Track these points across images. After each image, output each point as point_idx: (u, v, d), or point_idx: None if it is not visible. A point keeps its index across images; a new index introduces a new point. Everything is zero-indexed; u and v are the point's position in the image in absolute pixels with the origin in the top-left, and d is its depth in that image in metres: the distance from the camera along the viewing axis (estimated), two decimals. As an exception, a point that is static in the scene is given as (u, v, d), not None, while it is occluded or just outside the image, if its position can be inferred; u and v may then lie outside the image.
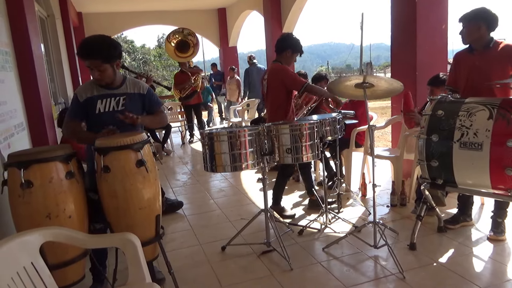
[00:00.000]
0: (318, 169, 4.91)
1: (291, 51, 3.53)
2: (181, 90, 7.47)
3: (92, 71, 2.38)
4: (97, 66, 2.35)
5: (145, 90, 2.59)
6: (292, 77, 3.52)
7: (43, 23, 6.00)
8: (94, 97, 2.42)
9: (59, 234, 1.79)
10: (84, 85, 2.54)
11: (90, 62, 2.34)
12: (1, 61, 3.02)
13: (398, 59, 4.50)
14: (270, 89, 3.65)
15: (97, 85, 2.45)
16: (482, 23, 2.80)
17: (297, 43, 3.54)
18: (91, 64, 2.35)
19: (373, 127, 2.84)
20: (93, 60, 2.34)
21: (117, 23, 10.82)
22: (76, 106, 2.45)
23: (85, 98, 2.42)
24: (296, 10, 7.68)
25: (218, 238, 3.29)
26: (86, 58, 2.35)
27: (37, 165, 2.00)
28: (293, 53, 3.54)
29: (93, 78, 2.42)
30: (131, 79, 2.62)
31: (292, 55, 3.55)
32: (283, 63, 3.56)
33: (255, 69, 8.80)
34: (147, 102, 2.60)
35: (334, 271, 2.68)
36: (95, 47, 2.33)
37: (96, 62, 2.34)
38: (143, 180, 2.18)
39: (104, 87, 2.45)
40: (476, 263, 2.68)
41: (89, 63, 2.35)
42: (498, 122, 2.38)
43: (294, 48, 3.53)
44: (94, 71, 2.37)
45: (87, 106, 2.42)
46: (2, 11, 3.26)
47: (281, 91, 3.54)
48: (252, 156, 2.73)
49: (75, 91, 2.49)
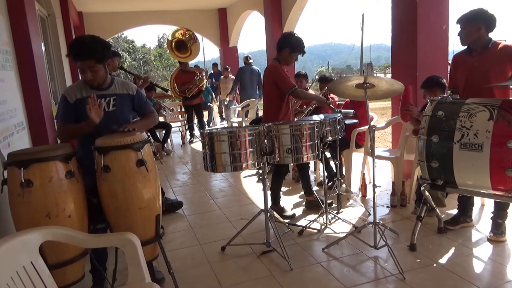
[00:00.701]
0: (318, 170, 4.91)
1: (289, 50, 3.49)
2: (185, 90, 7.42)
3: (84, 72, 2.32)
4: (90, 66, 2.30)
5: (134, 90, 2.57)
6: (282, 77, 3.48)
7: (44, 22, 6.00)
8: (83, 98, 2.36)
9: (59, 234, 1.79)
10: (72, 86, 2.48)
11: (83, 63, 2.29)
12: (2, 60, 3.02)
13: (399, 60, 4.50)
14: (264, 87, 3.65)
15: (86, 86, 2.40)
16: (481, 24, 2.80)
17: (297, 42, 3.50)
18: (83, 65, 2.29)
19: (374, 127, 2.83)
20: (87, 61, 2.28)
21: (118, 23, 10.82)
22: (66, 108, 2.37)
23: (75, 99, 2.36)
24: (296, 10, 7.67)
25: (218, 238, 3.29)
26: (79, 59, 2.28)
27: (37, 164, 2.00)
28: (291, 52, 3.50)
29: (86, 79, 2.35)
30: (119, 80, 2.59)
31: (290, 54, 3.51)
32: (281, 61, 3.54)
33: (249, 69, 8.62)
34: (136, 103, 2.59)
35: (334, 272, 2.67)
36: (89, 48, 2.27)
37: (90, 63, 2.29)
38: (143, 180, 2.17)
39: (93, 88, 2.40)
40: (476, 264, 2.68)
41: (81, 64, 2.29)
42: (499, 123, 2.38)
43: (292, 47, 3.48)
44: (86, 72, 2.31)
45: (77, 108, 2.36)
46: (3, 10, 3.26)
47: (273, 90, 3.52)
48: (252, 156, 2.73)
49: (63, 93, 2.41)
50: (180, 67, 7.63)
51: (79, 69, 2.34)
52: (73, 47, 2.31)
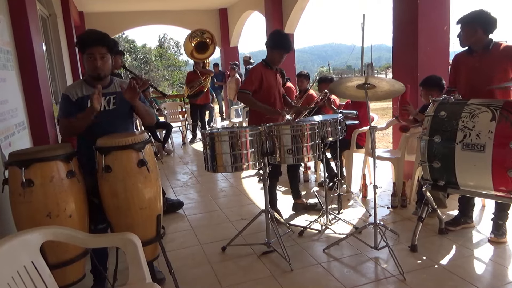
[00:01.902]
0: (319, 170, 4.90)
1: (270, 48, 3.47)
2: (190, 87, 7.74)
3: (94, 60, 2.30)
4: (101, 53, 2.31)
5: None
6: (248, 77, 3.49)
7: (45, 22, 6.00)
8: (84, 97, 2.37)
9: (60, 234, 1.79)
10: (72, 85, 2.48)
11: (96, 49, 2.29)
12: (3, 60, 3.01)
13: (400, 60, 4.49)
14: None
15: (87, 85, 2.40)
16: (478, 27, 2.80)
17: (278, 39, 3.44)
18: (96, 51, 2.29)
19: (374, 128, 2.83)
20: (99, 47, 2.30)
21: (119, 22, 10.81)
22: (69, 105, 2.36)
23: (77, 97, 2.36)
24: (297, 11, 7.67)
25: (218, 239, 3.28)
26: (92, 44, 2.30)
27: (38, 164, 2.00)
28: (272, 49, 3.46)
29: (94, 66, 2.32)
30: (117, 79, 2.60)
31: (272, 52, 3.46)
32: (268, 62, 3.51)
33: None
34: None
35: (334, 272, 2.67)
36: (102, 35, 2.34)
37: (101, 49, 2.31)
38: (144, 180, 2.17)
39: (92, 87, 2.37)
40: (476, 265, 2.67)
41: (94, 50, 2.29)
42: (501, 124, 2.38)
43: (273, 44, 3.44)
44: (96, 60, 2.30)
45: (78, 106, 2.36)
46: (4, 10, 3.26)
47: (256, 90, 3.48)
48: (253, 156, 2.73)
49: (64, 91, 2.40)
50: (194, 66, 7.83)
51: (88, 57, 2.31)
52: (86, 34, 2.35)
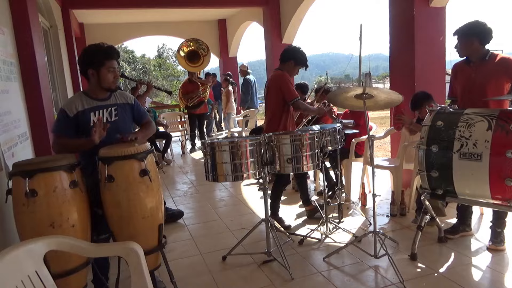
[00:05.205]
0: (318, 179, 4.93)
1: (294, 63, 3.56)
2: (188, 99, 7.63)
3: (111, 73, 2.43)
4: (115, 67, 2.45)
5: (132, 100, 2.65)
6: (288, 85, 3.53)
7: (46, 34, 6.05)
8: (85, 110, 2.41)
9: (63, 243, 1.80)
10: (71, 99, 2.51)
11: (115, 62, 2.44)
12: (6, 72, 3.05)
13: (397, 69, 4.55)
14: (269, 95, 3.69)
15: (86, 98, 2.45)
16: (474, 38, 2.85)
17: (302, 56, 3.58)
18: (115, 64, 2.44)
19: (373, 137, 2.86)
20: (115, 61, 2.45)
21: (118, 33, 10.89)
22: (65, 122, 2.39)
23: (76, 112, 2.39)
24: (295, 22, 7.75)
25: (218, 248, 3.29)
26: (114, 58, 2.44)
27: (41, 174, 2.02)
28: (295, 65, 3.57)
29: (111, 80, 2.45)
30: (118, 91, 2.64)
31: (294, 67, 3.57)
32: (287, 72, 3.58)
33: (252, 79, 8.72)
34: (135, 112, 2.66)
35: (334, 281, 2.68)
36: (116, 50, 2.48)
37: (115, 63, 2.46)
38: (146, 189, 2.20)
39: (93, 99, 2.46)
40: (475, 273, 2.69)
41: (114, 63, 2.44)
42: (497, 133, 2.42)
43: (297, 59, 3.55)
44: (113, 73, 2.44)
45: (78, 120, 2.39)
46: (8, 23, 3.31)
47: (278, 98, 3.55)
48: (253, 166, 2.75)
49: (62, 106, 2.43)
50: (188, 76, 7.79)
51: (108, 71, 2.42)
52: (105, 48, 2.43)
